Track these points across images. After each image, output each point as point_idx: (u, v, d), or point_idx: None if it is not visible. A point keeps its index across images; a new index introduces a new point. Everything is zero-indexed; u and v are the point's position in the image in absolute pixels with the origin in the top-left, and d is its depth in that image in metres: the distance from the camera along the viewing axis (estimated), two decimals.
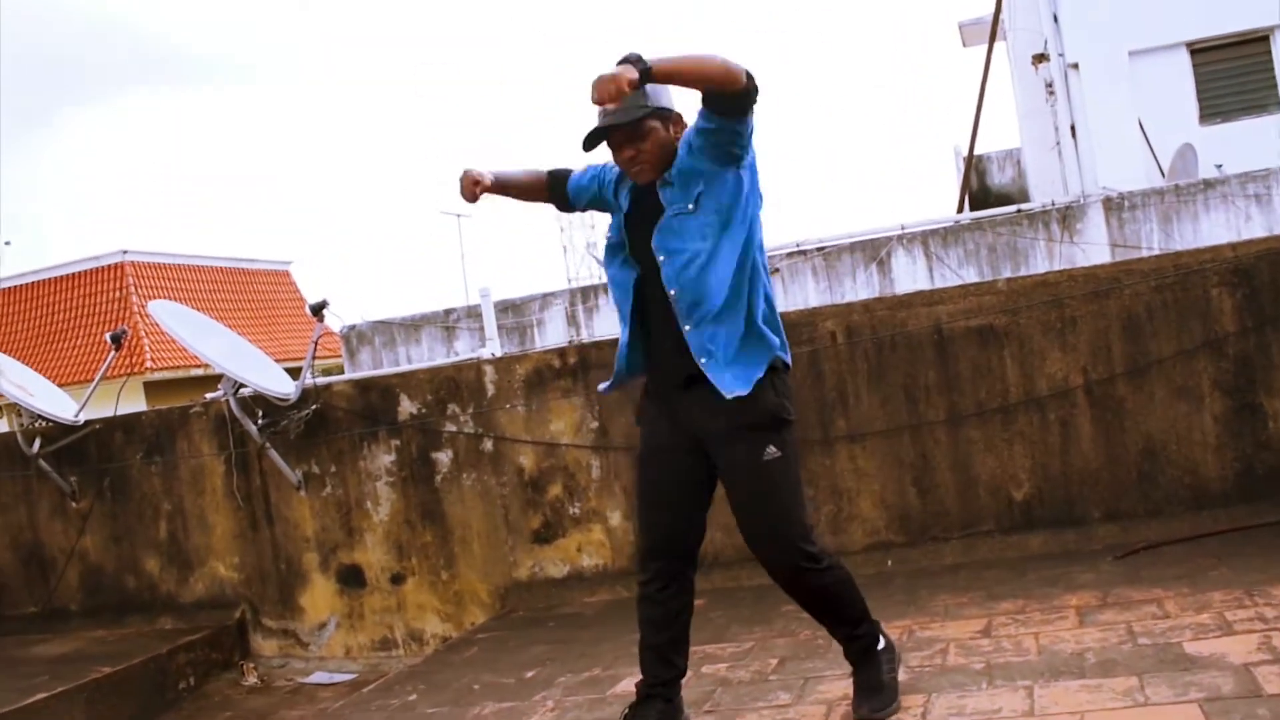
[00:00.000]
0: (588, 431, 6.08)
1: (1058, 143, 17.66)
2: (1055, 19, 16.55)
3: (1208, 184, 12.99)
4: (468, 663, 5.09)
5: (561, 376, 6.13)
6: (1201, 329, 5.37)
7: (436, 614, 6.37)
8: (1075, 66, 16.64)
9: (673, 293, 3.31)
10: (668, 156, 3.39)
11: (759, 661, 4.30)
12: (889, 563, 5.60)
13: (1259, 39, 16.21)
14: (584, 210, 3.80)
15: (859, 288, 13.76)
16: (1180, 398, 5.40)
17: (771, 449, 3.32)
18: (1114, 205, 12.81)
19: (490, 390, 6.25)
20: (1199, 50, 16.42)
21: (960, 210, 17.16)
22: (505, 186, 3.61)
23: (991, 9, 17.47)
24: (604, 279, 15.61)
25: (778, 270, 13.91)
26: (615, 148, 3.37)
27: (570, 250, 42.11)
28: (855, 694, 3.54)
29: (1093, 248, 12.52)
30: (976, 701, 3.50)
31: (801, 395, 5.77)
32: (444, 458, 6.33)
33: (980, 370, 5.58)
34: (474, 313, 14.21)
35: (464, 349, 14.55)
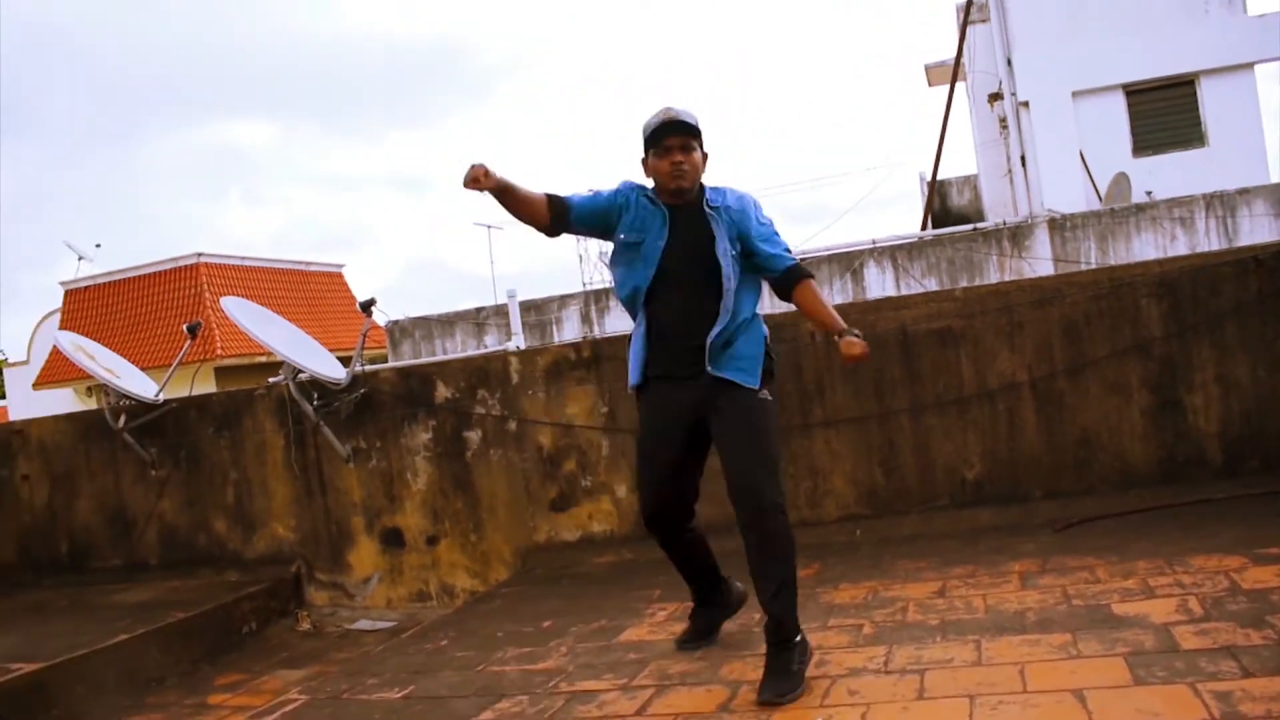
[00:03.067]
0: (599, 415, 6.08)
1: (1009, 170, 17.66)
2: (1009, 63, 16.57)
3: (1139, 208, 13.00)
4: (492, 613, 5.09)
5: (577, 367, 6.13)
6: (1131, 334, 5.36)
7: (466, 571, 6.38)
8: (1025, 105, 16.66)
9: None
10: (699, 178, 3.60)
11: (745, 615, 4.23)
12: (857, 532, 5.60)
13: (1186, 83, 16.22)
14: (575, 233, 3.74)
15: (834, 294, 13.75)
16: (1112, 393, 5.40)
17: None
18: (1058, 225, 12.81)
19: (515, 378, 6.25)
20: (1133, 91, 16.44)
21: (924, 228, 17.15)
22: (505, 192, 3.48)
23: (954, 54, 17.47)
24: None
25: None
26: (670, 149, 3.51)
27: (585, 259, 42.12)
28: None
29: (1039, 262, 12.53)
30: (931, 653, 3.50)
31: (784, 387, 5.77)
32: (474, 436, 6.33)
33: (939, 367, 5.58)
34: (501, 311, 14.24)
35: (492, 343, 14.56)
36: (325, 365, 6.56)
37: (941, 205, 20.86)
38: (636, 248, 3.60)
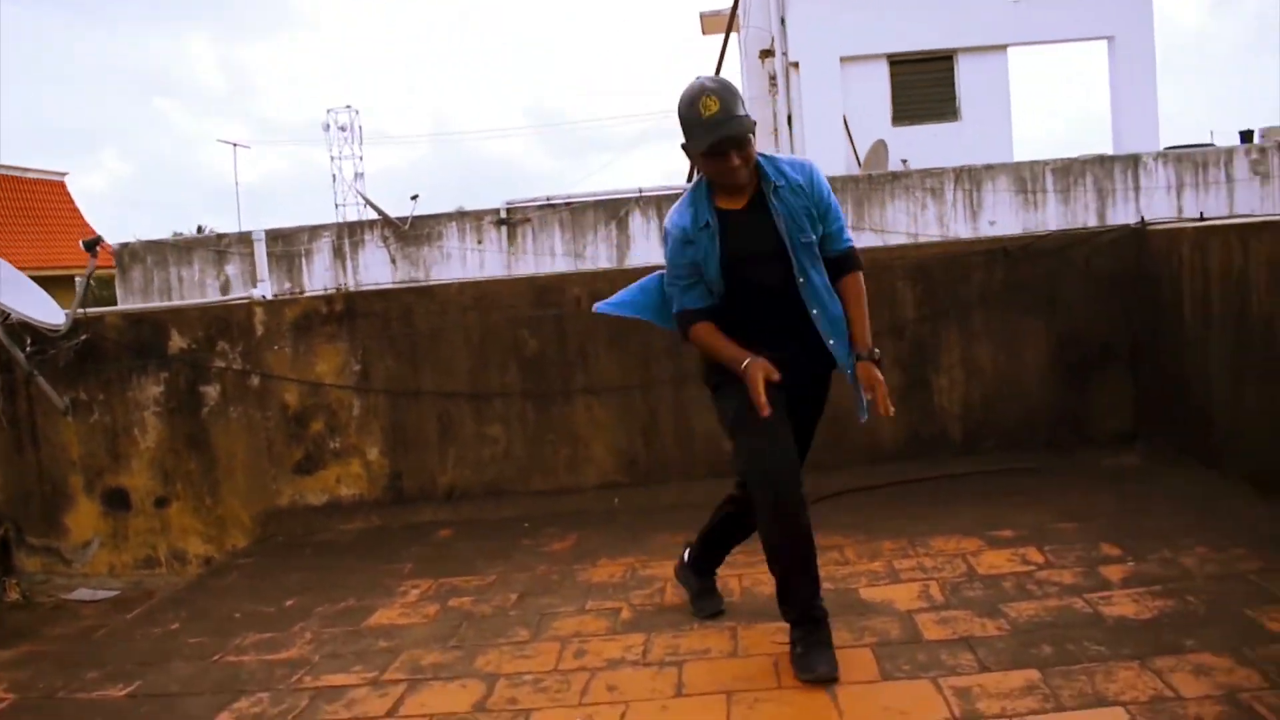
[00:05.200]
0: (350, 374, 5.87)
1: (775, 129, 18.15)
2: (782, 21, 16.95)
3: (895, 176, 13.64)
4: (229, 589, 4.85)
5: (328, 322, 5.88)
6: (889, 315, 5.61)
7: (200, 536, 6.04)
8: (795, 65, 17.11)
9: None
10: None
11: (500, 596, 4.27)
12: (616, 500, 5.66)
13: (944, 57, 17.10)
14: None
15: (598, 243, 13.82)
16: None
17: None
18: None
19: (259, 330, 5.93)
20: (896, 62, 17.18)
21: (690, 180, 17.43)
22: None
23: (730, 3, 17.71)
24: (370, 216, 15.05)
25: (529, 220, 13.83)
26: (724, 155, 3.32)
27: (340, 179, 40.48)
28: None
29: None
30: (689, 642, 3.57)
31: (547, 353, 5.75)
32: (212, 391, 5.98)
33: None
34: (245, 240, 13.51)
35: (234, 273, 13.84)
36: (40, 307, 5.99)
37: None
38: None
